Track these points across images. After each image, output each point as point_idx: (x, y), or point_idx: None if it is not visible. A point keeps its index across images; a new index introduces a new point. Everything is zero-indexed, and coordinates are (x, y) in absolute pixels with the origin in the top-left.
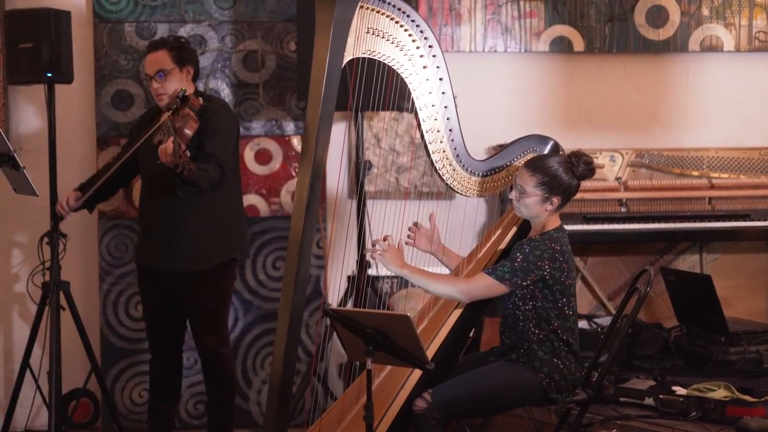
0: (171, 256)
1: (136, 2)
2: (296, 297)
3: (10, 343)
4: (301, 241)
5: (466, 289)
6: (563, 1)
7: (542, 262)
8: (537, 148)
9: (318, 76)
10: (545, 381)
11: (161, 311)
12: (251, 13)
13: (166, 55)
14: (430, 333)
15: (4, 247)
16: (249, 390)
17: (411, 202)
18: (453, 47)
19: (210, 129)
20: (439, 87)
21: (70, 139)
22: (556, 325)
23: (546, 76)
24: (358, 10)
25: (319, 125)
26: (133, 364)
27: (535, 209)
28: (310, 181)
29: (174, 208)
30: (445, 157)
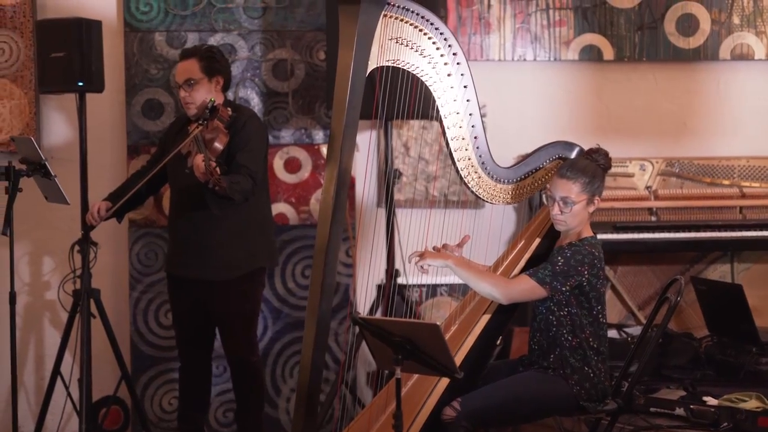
0: (199, 265)
1: (166, 11)
2: (323, 305)
3: (41, 351)
4: (327, 250)
5: (507, 289)
6: (593, 10)
7: (582, 267)
8: (563, 155)
9: (342, 84)
10: (576, 388)
11: (191, 319)
12: (281, 22)
13: (196, 65)
14: (457, 340)
15: (36, 255)
16: (278, 398)
17: (439, 211)
18: (482, 56)
19: (240, 140)
20: (463, 95)
21: (101, 147)
22: (588, 333)
23: (575, 84)
24: (381, 18)
25: (344, 134)
26: (163, 372)
27: (581, 215)
28: (335, 189)
29: (202, 218)
30: (471, 164)
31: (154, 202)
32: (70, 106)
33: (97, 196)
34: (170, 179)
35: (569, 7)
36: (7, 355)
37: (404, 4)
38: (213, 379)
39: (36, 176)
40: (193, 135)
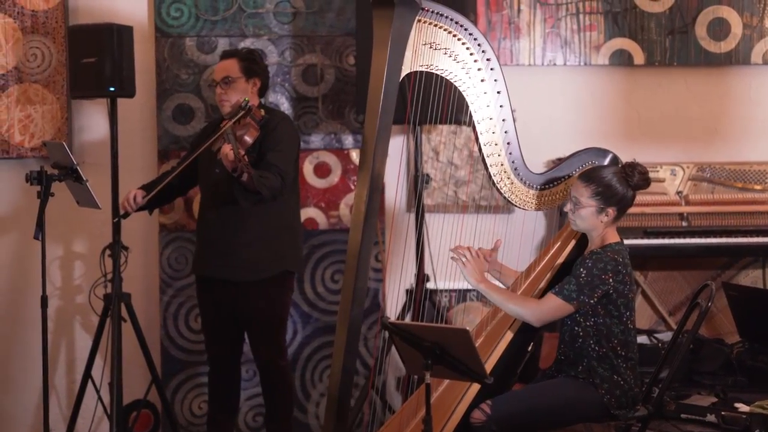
0: (225, 265)
1: (197, 17)
2: (354, 310)
3: (73, 354)
4: (359, 254)
5: (537, 311)
6: (623, 14)
7: (606, 275)
8: (596, 161)
9: (375, 89)
10: (606, 397)
11: (219, 323)
12: (311, 27)
13: (235, 64)
14: (488, 346)
15: (67, 259)
16: (308, 403)
17: (469, 216)
18: (512, 61)
19: (272, 140)
20: (497, 100)
21: (132, 152)
22: (616, 342)
23: (606, 89)
24: (415, 24)
25: (377, 138)
26: (193, 376)
27: (591, 221)
28: (368, 194)
29: (231, 217)
30: (503, 170)
31: (185, 207)
32: (102, 111)
33: None
34: (200, 178)
35: (599, 11)
36: (38, 358)
37: (438, 9)
38: (243, 383)
39: (67, 181)
40: (224, 130)
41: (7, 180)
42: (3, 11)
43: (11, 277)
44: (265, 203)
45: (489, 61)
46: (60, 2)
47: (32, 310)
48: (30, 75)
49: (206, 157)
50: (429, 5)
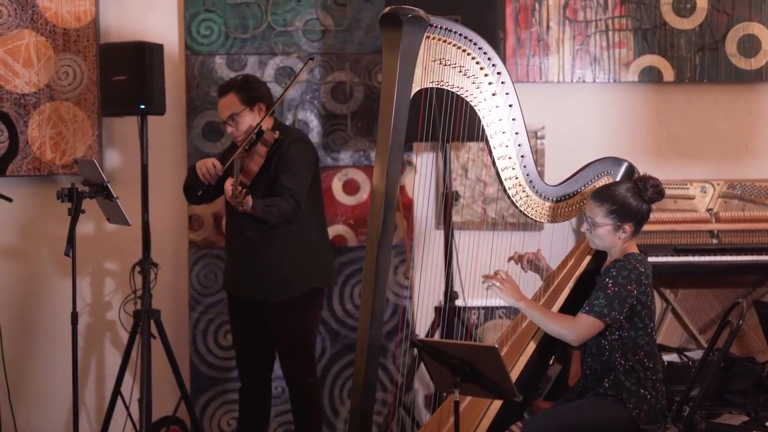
0: (255, 286)
1: (226, 35)
2: (373, 329)
3: (102, 371)
4: (376, 273)
5: (575, 331)
6: (653, 31)
7: (630, 286)
8: (611, 171)
9: (387, 107)
10: (635, 412)
11: (250, 339)
12: (340, 44)
13: (235, 98)
14: (509, 360)
15: (97, 276)
16: (336, 420)
17: (497, 233)
18: (541, 78)
19: (285, 161)
20: (509, 113)
21: (162, 169)
22: (642, 354)
23: (635, 106)
24: (424, 40)
25: (390, 156)
26: (222, 393)
27: (609, 239)
28: (383, 213)
29: (255, 239)
30: (518, 183)
31: (214, 224)
32: (132, 129)
33: (158, 218)
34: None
35: (629, 28)
36: (68, 374)
37: (447, 25)
38: (272, 399)
39: (98, 198)
40: (232, 159)
41: (38, 197)
42: (35, 30)
43: (42, 293)
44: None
45: (500, 75)
46: (91, 21)
47: (63, 326)
48: (61, 93)
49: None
50: (437, 21)
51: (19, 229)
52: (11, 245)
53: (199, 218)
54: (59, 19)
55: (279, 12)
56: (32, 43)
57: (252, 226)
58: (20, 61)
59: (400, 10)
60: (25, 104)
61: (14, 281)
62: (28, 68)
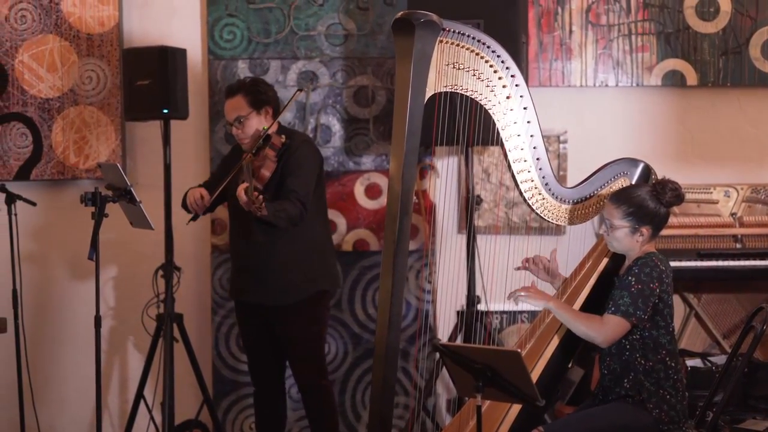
0: (260, 291)
1: (249, 39)
2: (390, 334)
3: (125, 374)
4: (393, 278)
5: (603, 332)
6: (676, 35)
7: (653, 284)
8: (627, 172)
9: (401, 112)
10: (655, 412)
11: (260, 344)
12: (362, 49)
13: (242, 101)
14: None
15: (120, 280)
16: (358, 424)
17: (520, 237)
18: (563, 82)
19: (291, 165)
20: (524, 116)
21: (185, 174)
22: (664, 353)
23: (658, 110)
24: (437, 45)
25: (405, 161)
26: (244, 396)
27: (626, 242)
28: (398, 217)
29: (260, 244)
30: (534, 186)
31: None
32: (155, 133)
33: (181, 222)
34: (229, 206)
35: (652, 32)
36: (92, 378)
37: (459, 29)
38: (292, 403)
39: (121, 202)
40: (244, 163)
41: (62, 201)
42: (59, 34)
43: (66, 297)
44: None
45: (514, 78)
46: (115, 25)
47: (86, 329)
48: (85, 97)
49: (233, 186)
50: (450, 25)
51: (43, 233)
52: (35, 249)
53: (221, 222)
54: (83, 24)
55: (301, 16)
56: (56, 47)
57: (262, 229)
58: (44, 65)
59: (413, 14)
60: (49, 109)
61: (38, 285)
62: (52, 73)
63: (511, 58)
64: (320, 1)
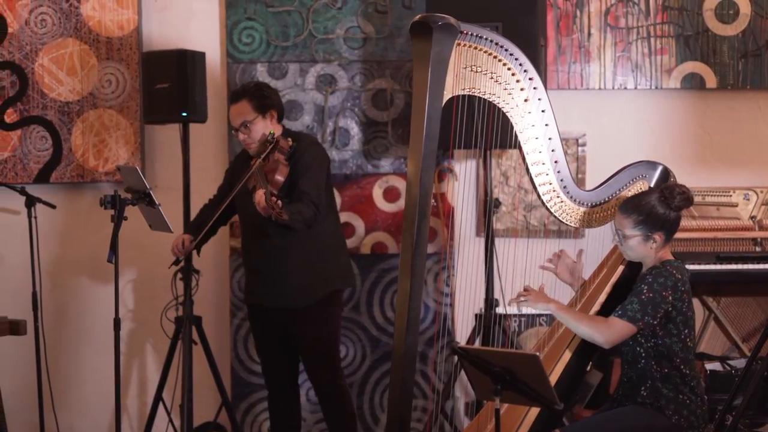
0: (274, 294)
1: (268, 43)
2: (409, 337)
3: (144, 376)
4: (411, 281)
5: (606, 334)
6: (695, 38)
7: (666, 292)
8: (645, 175)
9: (418, 116)
10: (674, 418)
11: (273, 347)
12: (381, 52)
13: (247, 105)
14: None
15: (139, 282)
16: (376, 426)
17: (538, 240)
18: (582, 85)
19: (301, 166)
20: (542, 119)
21: (204, 176)
22: (678, 361)
23: (677, 113)
24: (455, 48)
25: (423, 165)
26: (263, 399)
27: (640, 250)
28: (416, 220)
29: (273, 247)
30: (552, 189)
31: None
32: (174, 136)
33: None
34: (239, 212)
35: (671, 35)
36: (111, 380)
37: (477, 31)
38: (311, 405)
39: (140, 205)
40: (255, 169)
41: (81, 204)
42: (79, 38)
43: (85, 299)
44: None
45: (532, 80)
46: (134, 29)
47: (105, 332)
48: (104, 101)
49: (241, 192)
50: (468, 28)
51: (63, 236)
52: (54, 251)
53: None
54: (102, 27)
55: (320, 20)
56: (76, 51)
57: (278, 232)
58: (64, 69)
59: (431, 17)
60: (68, 112)
61: (58, 287)
62: (71, 76)
63: (529, 61)
64: (339, 4)
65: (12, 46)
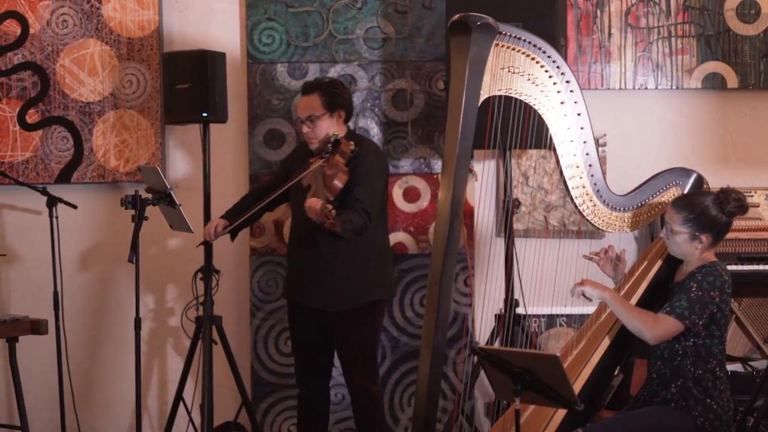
0: (316, 295)
1: (288, 43)
2: (437, 337)
3: (165, 376)
4: (441, 281)
5: (654, 331)
6: (716, 38)
7: (714, 293)
8: (679, 181)
9: (454, 115)
10: (700, 420)
11: (310, 346)
12: (401, 52)
13: (318, 100)
14: (574, 370)
15: (160, 282)
16: (396, 427)
17: (558, 241)
18: (603, 85)
19: (359, 174)
20: (577, 122)
21: (224, 177)
22: (715, 363)
23: (698, 113)
24: (493, 48)
25: (457, 164)
26: (283, 399)
27: (685, 247)
28: (449, 220)
29: (319, 249)
30: (585, 192)
31: (275, 231)
32: (195, 136)
33: None
34: (292, 208)
35: (692, 35)
36: (131, 380)
37: (516, 32)
38: (333, 406)
39: (161, 205)
40: (314, 168)
41: (102, 204)
42: (100, 39)
43: (106, 299)
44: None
45: (569, 83)
46: (155, 30)
47: (126, 332)
48: (125, 101)
49: (296, 188)
50: (506, 29)
51: (84, 236)
52: (76, 252)
53: (260, 225)
54: (123, 28)
55: (340, 20)
56: (97, 52)
57: (328, 241)
58: (85, 69)
59: (470, 17)
60: (89, 112)
61: (79, 287)
62: (93, 77)
63: (566, 63)
64: (359, 4)
65: (33, 46)
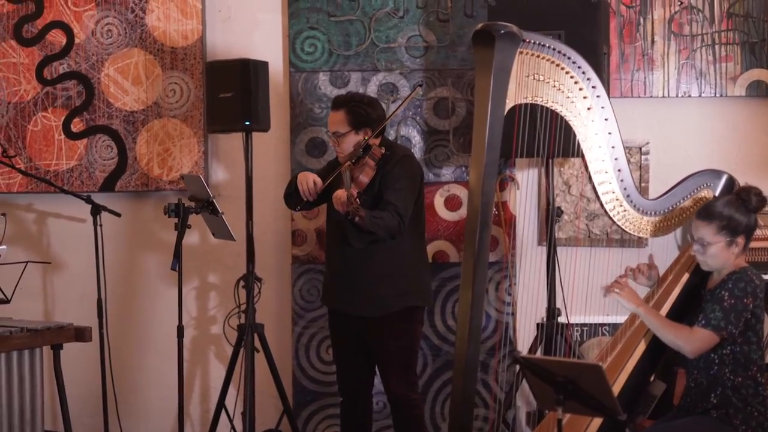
0: (352, 301)
1: (330, 52)
2: (470, 346)
3: (207, 384)
4: (473, 290)
5: (691, 343)
6: (761, 45)
7: (747, 299)
8: (710, 184)
9: (480, 124)
10: (742, 428)
11: (350, 353)
12: (442, 61)
13: (343, 118)
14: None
15: (202, 290)
16: None
17: (601, 249)
18: (645, 93)
19: (391, 179)
20: (604, 127)
21: (266, 185)
22: (755, 369)
23: (742, 120)
24: (517, 56)
25: (485, 173)
26: (324, 407)
27: (723, 256)
28: (478, 230)
29: (355, 254)
30: (615, 198)
31: (316, 239)
32: (237, 145)
33: (261, 233)
34: (328, 212)
35: (736, 42)
36: (174, 386)
37: (540, 40)
38: (374, 414)
39: (204, 213)
40: (341, 169)
41: (145, 212)
42: (144, 48)
43: (149, 307)
44: (382, 242)
45: (595, 89)
46: (198, 39)
47: (169, 339)
48: (169, 110)
49: (332, 189)
50: (530, 36)
51: (127, 244)
52: (120, 259)
53: (302, 233)
54: (167, 37)
55: (382, 29)
56: (141, 61)
57: (357, 236)
58: (129, 79)
59: (493, 26)
60: (133, 121)
61: (123, 295)
62: (136, 86)
63: (592, 69)
64: (401, 13)
65: (78, 56)
